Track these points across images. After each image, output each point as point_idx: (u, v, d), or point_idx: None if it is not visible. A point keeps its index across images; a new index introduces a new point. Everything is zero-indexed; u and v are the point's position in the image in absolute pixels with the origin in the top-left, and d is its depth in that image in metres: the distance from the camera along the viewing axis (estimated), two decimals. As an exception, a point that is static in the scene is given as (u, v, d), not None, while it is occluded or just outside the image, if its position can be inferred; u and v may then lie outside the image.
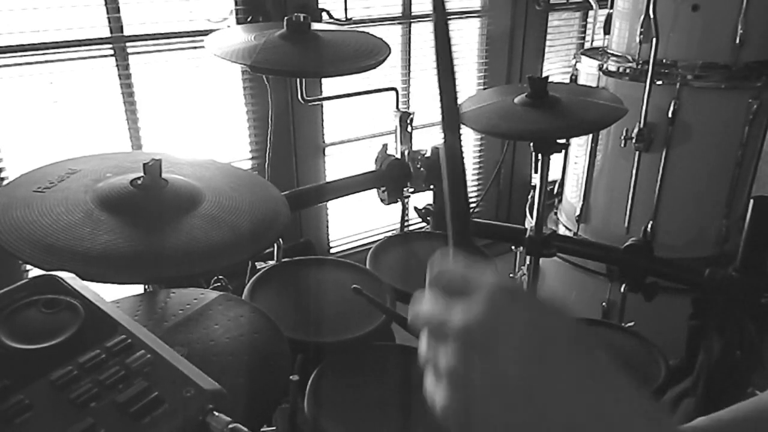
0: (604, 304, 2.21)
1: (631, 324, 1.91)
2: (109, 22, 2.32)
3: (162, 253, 0.87)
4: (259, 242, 0.95)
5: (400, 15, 3.04)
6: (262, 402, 0.94)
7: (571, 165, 2.49)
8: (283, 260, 1.56)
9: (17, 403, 0.48)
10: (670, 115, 2.03)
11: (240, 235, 0.94)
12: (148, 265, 0.85)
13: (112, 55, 2.37)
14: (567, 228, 2.47)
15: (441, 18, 0.48)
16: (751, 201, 1.53)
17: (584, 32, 3.73)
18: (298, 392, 1.04)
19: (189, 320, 1.05)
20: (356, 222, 3.22)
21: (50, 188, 0.96)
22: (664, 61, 2.03)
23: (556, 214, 2.63)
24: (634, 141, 2.08)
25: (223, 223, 0.95)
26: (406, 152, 1.89)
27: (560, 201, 2.61)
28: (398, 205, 1.98)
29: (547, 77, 1.67)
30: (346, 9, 2.73)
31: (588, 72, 2.27)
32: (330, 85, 2.66)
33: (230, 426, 0.49)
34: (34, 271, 0.67)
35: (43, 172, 1.03)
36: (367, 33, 1.69)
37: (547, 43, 3.56)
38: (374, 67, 1.53)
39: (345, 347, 1.19)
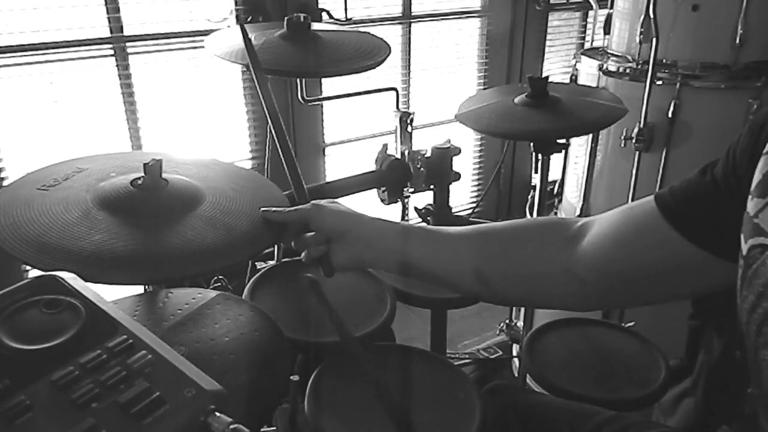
0: (604, 304, 2.21)
1: (631, 324, 1.91)
2: (109, 22, 2.32)
3: (155, 254, 0.86)
4: (255, 244, 0.95)
5: (400, 15, 3.04)
6: (263, 402, 0.93)
7: (571, 165, 2.49)
8: (283, 260, 1.56)
9: (18, 404, 0.48)
10: (670, 115, 2.03)
11: (236, 237, 0.93)
12: (141, 265, 0.84)
13: (112, 55, 2.37)
14: (567, 228, 2.47)
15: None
16: (751, 201, 1.53)
17: (584, 32, 3.73)
18: (298, 392, 1.04)
19: (188, 320, 1.05)
20: (356, 222, 3.22)
21: (54, 186, 0.96)
22: (664, 61, 2.03)
23: (556, 214, 2.63)
24: (634, 141, 2.08)
25: (219, 224, 0.94)
26: (406, 152, 1.89)
27: (560, 201, 2.61)
28: (398, 205, 1.98)
29: (547, 77, 1.67)
30: (346, 9, 2.73)
31: (588, 72, 2.27)
32: (330, 85, 2.66)
33: (231, 426, 0.49)
34: (35, 272, 0.67)
35: (50, 170, 1.03)
36: (368, 33, 1.68)
37: (547, 43, 3.56)
38: (374, 67, 1.53)
39: (345, 347, 1.19)
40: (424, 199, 2.00)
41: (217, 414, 0.50)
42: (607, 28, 2.30)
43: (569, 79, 2.40)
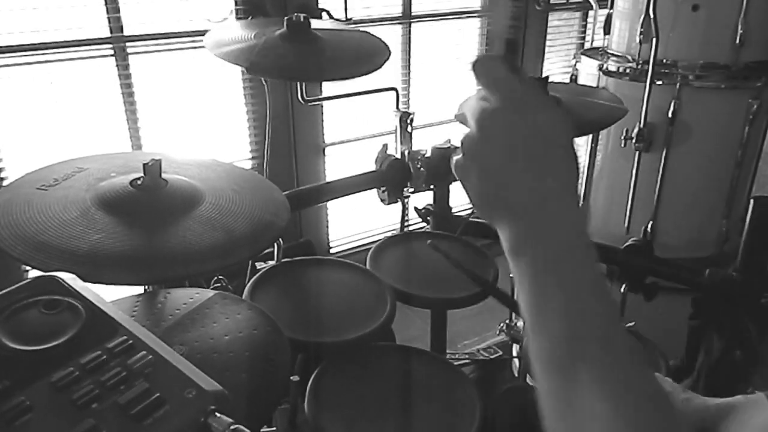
0: (604, 304, 2.21)
1: (631, 324, 1.90)
2: (109, 22, 2.32)
3: (151, 254, 0.86)
4: (252, 246, 0.94)
5: (400, 15, 3.04)
6: (263, 402, 0.93)
7: (571, 165, 2.49)
8: (283, 260, 1.56)
9: (18, 405, 0.48)
10: (670, 115, 2.02)
11: (233, 238, 0.93)
12: (137, 265, 0.84)
13: (112, 55, 2.37)
14: (567, 228, 2.47)
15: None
16: (751, 201, 1.53)
17: (584, 32, 3.73)
18: (298, 392, 1.04)
19: (187, 319, 1.05)
20: (356, 222, 3.22)
21: (54, 186, 0.96)
22: (664, 61, 2.03)
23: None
24: (634, 141, 2.08)
25: (218, 225, 0.94)
26: (406, 152, 1.89)
27: (560, 201, 2.61)
28: (398, 205, 1.98)
29: (547, 77, 1.67)
30: (346, 9, 2.73)
31: (588, 72, 2.27)
32: (330, 85, 2.66)
33: (232, 427, 0.49)
34: (35, 272, 0.67)
35: (51, 169, 1.02)
36: (368, 33, 1.68)
37: (547, 43, 3.56)
38: (374, 71, 1.52)
39: (345, 347, 1.19)
40: (424, 199, 2.00)
41: (218, 414, 0.50)
42: (607, 28, 2.30)
43: (569, 79, 2.40)
